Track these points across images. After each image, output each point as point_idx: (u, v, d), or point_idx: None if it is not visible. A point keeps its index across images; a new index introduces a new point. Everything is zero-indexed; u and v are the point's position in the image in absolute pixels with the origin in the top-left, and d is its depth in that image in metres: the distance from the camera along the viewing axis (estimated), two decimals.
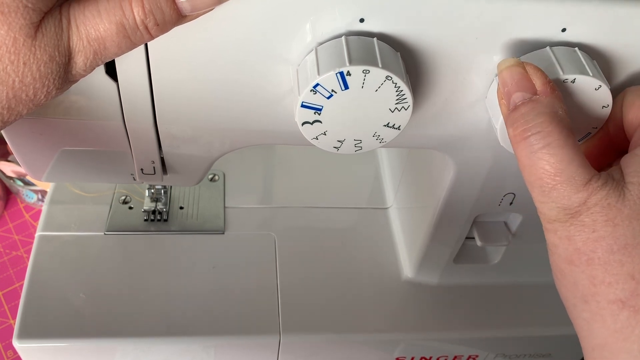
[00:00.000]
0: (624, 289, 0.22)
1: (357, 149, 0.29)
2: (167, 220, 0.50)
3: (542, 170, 0.24)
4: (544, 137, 0.24)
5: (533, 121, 0.24)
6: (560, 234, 0.24)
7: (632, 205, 0.23)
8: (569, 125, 0.25)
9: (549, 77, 0.26)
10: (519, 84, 0.26)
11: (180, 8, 0.24)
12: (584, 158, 0.24)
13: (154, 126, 0.31)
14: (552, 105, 0.25)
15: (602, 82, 0.27)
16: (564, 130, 0.24)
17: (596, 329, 0.23)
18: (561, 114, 0.25)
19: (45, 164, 0.35)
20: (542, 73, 0.26)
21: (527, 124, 0.25)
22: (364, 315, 0.47)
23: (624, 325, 0.22)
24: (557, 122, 0.24)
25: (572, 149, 0.24)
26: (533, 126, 0.24)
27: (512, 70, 0.26)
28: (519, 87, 0.26)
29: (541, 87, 0.25)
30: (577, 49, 0.28)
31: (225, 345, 0.44)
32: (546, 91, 0.25)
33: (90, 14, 0.23)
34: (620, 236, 0.23)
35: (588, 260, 0.23)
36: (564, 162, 0.24)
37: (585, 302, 0.23)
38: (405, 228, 0.51)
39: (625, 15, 0.27)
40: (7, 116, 0.24)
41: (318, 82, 0.26)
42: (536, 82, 0.25)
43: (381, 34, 0.27)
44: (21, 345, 0.41)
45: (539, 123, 0.24)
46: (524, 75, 0.26)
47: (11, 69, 0.23)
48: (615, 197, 0.23)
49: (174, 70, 0.28)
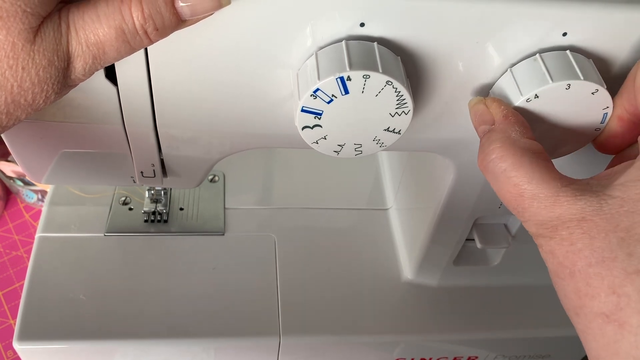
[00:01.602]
0: (607, 302, 0.22)
1: (358, 153, 0.29)
2: (167, 222, 0.50)
3: (508, 193, 0.25)
4: (500, 162, 0.25)
5: (488, 148, 0.26)
6: (544, 248, 0.24)
7: (609, 217, 0.23)
8: (525, 144, 0.25)
9: (513, 104, 0.28)
10: (480, 119, 0.28)
11: (179, 13, 0.24)
12: (546, 172, 0.24)
13: (153, 130, 0.31)
14: (504, 130, 0.26)
15: (598, 84, 0.27)
16: (517, 150, 0.25)
17: (589, 342, 0.23)
18: (514, 136, 0.26)
19: (45, 167, 0.35)
20: (498, 104, 0.27)
21: (484, 152, 0.26)
22: (364, 317, 0.47)
23: (612, 339, 0.22)
24: (509, 145, 0.25)
25: (530, 167, 0.24)
26: (488, 153, 0.26)
27: (475, 108, 0.28)
28: (480, 121, 0.28)
29: (498, 117, 0.27)
30: (569, 51, 0.28)
31: (225, 346, 0.44)
32: (500, 120, 0.27)
33: (90, 18, 0.23)
34: (597, 249, 0.22)
35: (570, 274, 0.23)
36: (524, 182, 0.24)
37: (577, 314, 0.23)
38: (405, 229, 0.51)
39: (625, 19, 0.27)
40: (5, 121, 0.24)
41: (318, 87, 0.26)
42: (494, 114, 0.27)
43: (381, 38, 0.27)
44: (21, 347, 0.41)
45: (492, 149, 0.26)
46: (484, 110, 0.28)
47: (10, 74, 0.23)
48: (591, 210, 0.23)
49: (174, 74, 0.28)
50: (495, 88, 0.29)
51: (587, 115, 0.28)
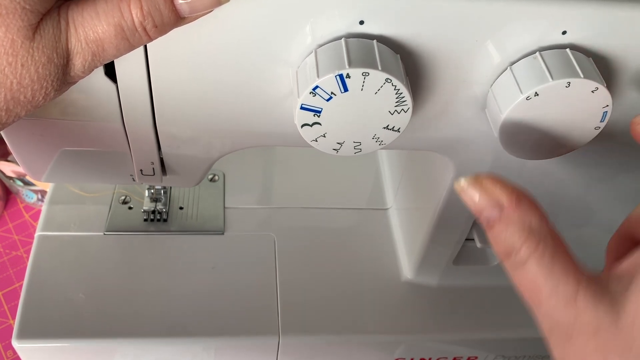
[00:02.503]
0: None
1: (357, 151, 0.29)
2: (166, 221, 0.50)
3: (525, 285, 0.23)
4: (520, 256, 0.23)
5: (507, 241, 0.24)
6: (555, 352, 0.23)
7: (625, 335, 0.21)
8: (546, 235, 0.23)
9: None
10: (482, 204, 0.24)
11: (178, 10, 0.24)
12: (567, 267, 0.23)
13: (153, 127, 0.31)
14: (522, 220, 0.23)
15: (598, 83, 0.27)
16: (540, 244, 0.23)
17: None
18: (534, 225, 0.23)
19: (44, 165, 0.35)
20: (502, 185, 0.24)
21: (503, 244, 0.24)
22: (364, 317, 0.47)
23: None
24: (530, 237, 0.23)
25: (551, 260, 0.23)
26: (508, 247, 0.24)
27: (472, 192, 0.25)
28: (484, 206, 0.24)
29: (507, 201, 0.24)
30: (569, 50, 0.28)
31: (224, 345, 0.44)
32: (512, 204, 0.24)
33: (89, 15, 0.23)
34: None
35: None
36: (542, 277, 0.23)
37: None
38: (405, 229, 0.51)
39: (626, 17, 0.27)
40: (5, 118, 0.24)
41: (317, 85, 0.26)
42: (500, 197, 0.24)
43: (381, 36, 0.27)
44: (20, 345, 0.41)
45: (513, 244, 0.23)
46: (484, 193, 0.24)
47: (9, 71, 0.23)
48: (607, 320, 0.21)
49: (173, 71, 0.28)
50: (495, 86, 0.29)
51: (587, 114, 0.28)
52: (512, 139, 0.29)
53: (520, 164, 0.35)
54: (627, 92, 0.31)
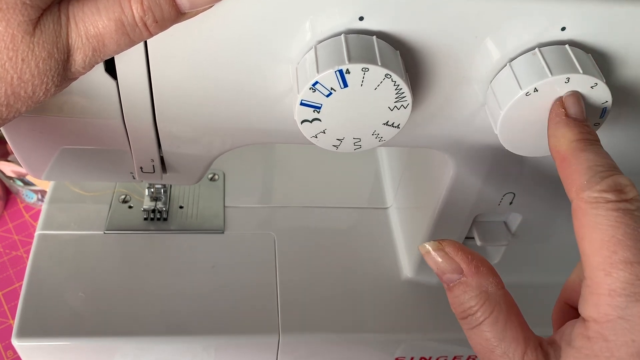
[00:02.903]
0: None
1: (357, 147, 0.29)
2: (166, 220, 0.50)
3: (479, 346, 0.26)
4: (476, 318, 0.26)
5: (465, 304, 0.26)
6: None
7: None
8: (501, 299, 0.26)
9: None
10: (444, 267, 0.27)
11: (179, 5, 0.24)
12: (519, 331, 0.25)
13: (153, 125, 0.31)
14: (479, 285, 0.26)
15: (597, 79, 0.27)
16: (495, 309, 0.26)
17: None
18: (491, 290, 0.26)
19: (45, 163, 0.35)
20: (463, 251, 0.27)
21: (461, 306, 0.26)
22: (364, 315, 0.46)
23: None
24: (486, 302, 0.26)
25: (504, 324, 0.25)
26: (466, 309, 0.26)
27: (434, 257, 0.27)
28: (446, 269, 0.27)
29: (466, 268, 0.26)
30: (568, 46, 0.28)
31: (225, 344, 0.44)
32: (471, 271, 0.26)
33: (89, 10, 0.23)
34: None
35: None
36: (495, 339, 0.25)
37: None
38: (405, 228, 0.51)
39: (625, 14, 0.27)
40: (5, 113, 0.24)
41: (317, 80, 0.26)
42: (460, 264, 0.26)
43: (380, 32, 0.27)
44: (20, 344, 0.41)
45: (470, 307, 0.26)
46: (446, 258, 0.27)
47: (9, 66, 0.23)
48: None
49: (173, 68, 0.28)
50: (495, 82, 0.29)
51: (586, 110, 0.28)
52: (511, 136, 0.29)
53: (519, 160, 0.36)
54: (627, 88, 0.31)
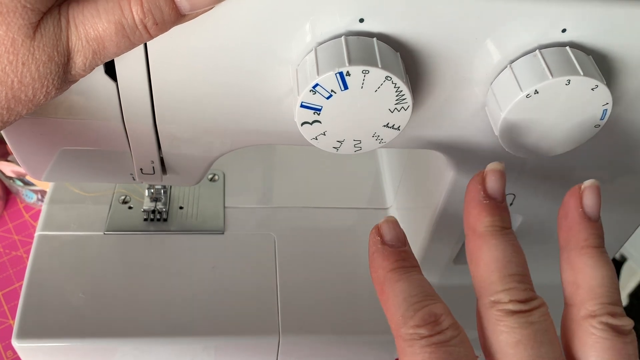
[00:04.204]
0: None
1: (357, 149, 0.29)
2: (166, 220, 0.50)
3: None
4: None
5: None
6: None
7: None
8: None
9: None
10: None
11: (179, 7, 0.24)
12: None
13: (153, 126, 0.31)
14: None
15: (598, 80, 0.27)
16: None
17: None
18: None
19: (44, 164, 0.35)
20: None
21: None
22: (364, 316, 0.46)
23: None
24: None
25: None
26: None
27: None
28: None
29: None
30: (569, 47, 0.28)
31: (224, 345, 0.44)
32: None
33: (89, 13, 0.23)
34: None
35: None
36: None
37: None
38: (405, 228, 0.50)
39: (626, 16, 0.27)
40: (6, 116, 0.24)
41: (317, 82, 0.26)
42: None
43: (381, 34, 0.27)
44: (20, 345, 0.41)
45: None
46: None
47: (10, 70, 0.23)
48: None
49: (173, 70, 0.28)
50: (495, 84, 0.29)
51: (587, 112, 0.28)
52: (512, 137, 0.29)
53: (520, 162, 0.36)
54: (627, 90, 0.31)
